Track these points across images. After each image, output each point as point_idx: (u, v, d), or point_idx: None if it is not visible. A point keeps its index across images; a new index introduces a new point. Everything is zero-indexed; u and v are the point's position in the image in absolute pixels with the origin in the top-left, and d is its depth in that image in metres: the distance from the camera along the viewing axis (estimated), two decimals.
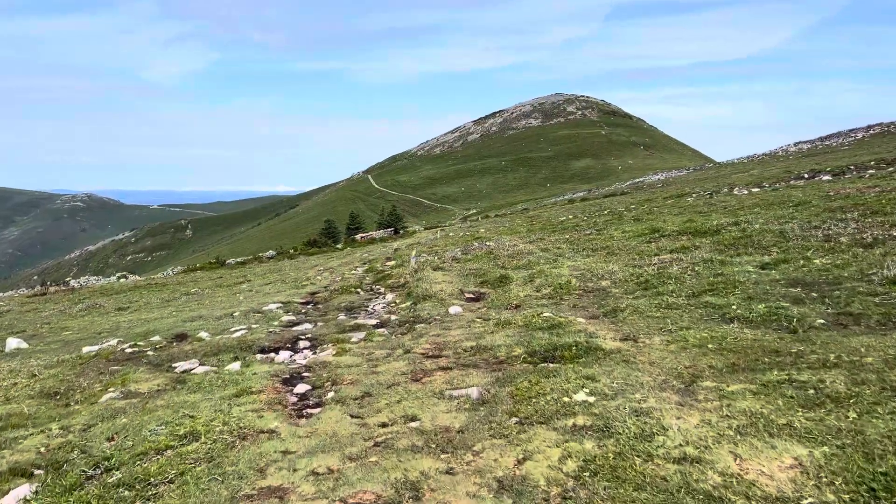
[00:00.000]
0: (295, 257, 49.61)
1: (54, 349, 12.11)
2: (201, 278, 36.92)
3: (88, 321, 18.35)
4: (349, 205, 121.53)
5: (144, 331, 12.60)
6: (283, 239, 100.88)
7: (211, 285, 29.26)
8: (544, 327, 7.71)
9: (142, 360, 9.25)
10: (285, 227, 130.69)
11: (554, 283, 10.87)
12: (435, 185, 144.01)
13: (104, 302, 26.01)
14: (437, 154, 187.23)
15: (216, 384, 6.80)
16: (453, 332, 8.31)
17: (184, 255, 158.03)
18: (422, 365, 6.64)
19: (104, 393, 7.37)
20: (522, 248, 19.60)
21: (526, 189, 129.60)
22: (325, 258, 40.60)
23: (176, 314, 16.30)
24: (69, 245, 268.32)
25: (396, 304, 12.95)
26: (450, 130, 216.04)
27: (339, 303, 14.34)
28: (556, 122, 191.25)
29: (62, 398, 7.41)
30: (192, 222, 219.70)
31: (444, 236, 41.33)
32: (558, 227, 28.73)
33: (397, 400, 5.49)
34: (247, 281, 28.94)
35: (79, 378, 8.27)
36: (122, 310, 22.05)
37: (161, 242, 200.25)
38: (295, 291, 18.14)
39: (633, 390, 4.93)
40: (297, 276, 25.97)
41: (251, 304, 15.74)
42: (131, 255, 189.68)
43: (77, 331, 15.68)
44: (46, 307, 27.88)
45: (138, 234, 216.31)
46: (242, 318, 13.28)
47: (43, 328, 17.60)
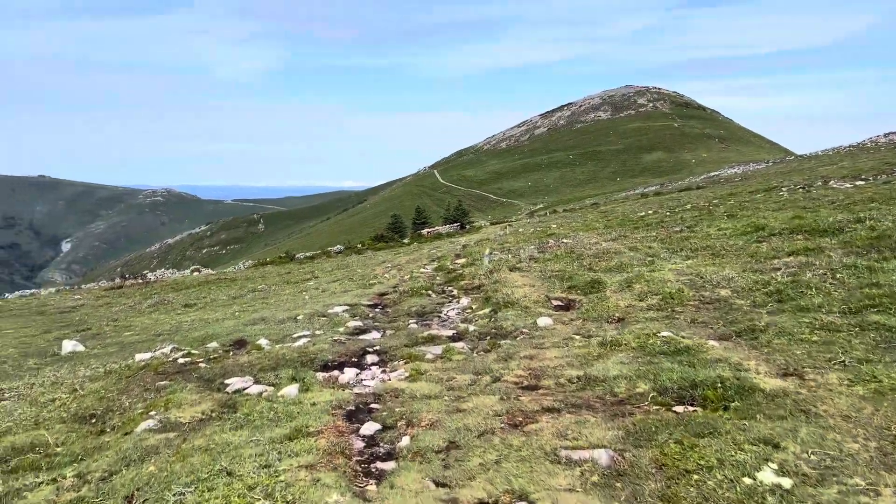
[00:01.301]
0: (362, 252, 49.07)
1: (109, 353, 11.36)
2: (269, 273, 36.64)
3: (153, 320, 17.82)
4: (415, 200, 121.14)
5: (203, 335, 11.71)
6: (350, 233, 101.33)
7: (278, 281, 28.71)
8: (667, 352, 6.21)
9: (192, 373, 8.23)
10: (353, 222, 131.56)
11: (661, 291, 9.29)
12: (501, 180, 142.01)
13: (173, 298, 25.78)
14: (504, 148, 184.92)
15: (267, 417, 5.61)
16: (549, 354, 6.89)
17: (256, 248, 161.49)
18: (518, 402, 5.26)
19: (143, 418, 6.32)
20: (606, 246, 17.93)
21: (594, 183, 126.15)
22: (392, 254, 39.73)
23: (239, 315, 15.48)
24: (150, 238, 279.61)
25: (473, 310, 11.61)
26: (516, 124, 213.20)
27: (409, 307, 13.11)
28: (626, 114, 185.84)
29: (97, 423, 6.41)
30: (264, 217, 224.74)
31: (514, 232, 39.79)
32: (639, 223, 26.79)
33: (494, 459, 4.14)
34: (314, 277, 28.24)
35: (121, 396, 7.29)
36: (188, 307, 21.58)
37: (235, 236, 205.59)
38: (362, 291, 17.07)
39: (844, 468, 3.44)
40: (364, 273, 25.02)
41: (316, 305, 14.73)
42: (207, 249, 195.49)
43: (139, 330, 15.05)
44: (119, 302, 27.94)
45: (213, 228, 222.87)
46: (306, 322, 12.24)
47: (108, 326, 17.14)
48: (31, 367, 10.52)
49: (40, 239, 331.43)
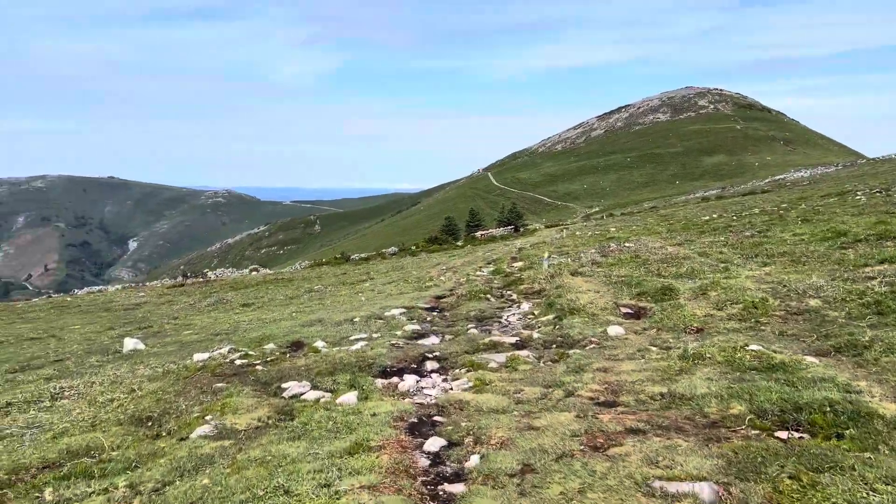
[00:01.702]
0: (417, 254, 48.98)
1: (169, 352, 11.34)
2: (326, 274, 36.84)
3: (212, 319, 17.94)
4: (469, 202, 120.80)
5: (260, 336, 11.58)
6: (404, 235, 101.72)
7: (334, 282, 28.76)
8: (759, 368, 5.64)
9: (249, 376, 8.03)
10: (407, 224, 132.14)
11: (741, 300, 8.64)
12: (556, 183, 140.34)
13: (231, 297, 26.08)
14: (559, 151, 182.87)
15: (326, 427, 5.30)
16: (625, 367, 6.39)
17: (312, 249, 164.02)
18: (597, 420, 4.80)
19: (199, 423, 6.10)
20: (673, 251, 17.16)
21: (652, 186, 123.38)
22: (446, 256, 39.46)
23: (296, 315, 15.38)
24: (211, 237, 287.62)
25: (535, 316, 11.14)
26: (572, 126, 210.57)
27: (467, 311, 12.72)
28: (685, 116, 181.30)
29: (153, 426, 6.23)
30: (321, 218, 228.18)
31: (571, 235, 38.97)
32: (704, 227, 25.77)
33: (577, 488, 3.70)
34: (369, 279, 28.17)
35: (178, 398, 7.12)
36: (246, 306, 21.73)
37: (292, 237, 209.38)
38: (418, 294, 16.77)
39: None
40: (419, 275, 24.77)
41: (373, 307, 14.50)
42: (265, 249, 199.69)
43: (198, 329, 15.10)
44: (180, 300, 28.46)
45: (271, 229, 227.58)
46: (363, 324, 11.99)
47: (168, 325, 17.33)
48: (92, 365, 10.56)
49: (109, 238, 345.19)
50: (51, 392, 7.80)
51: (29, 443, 5.88)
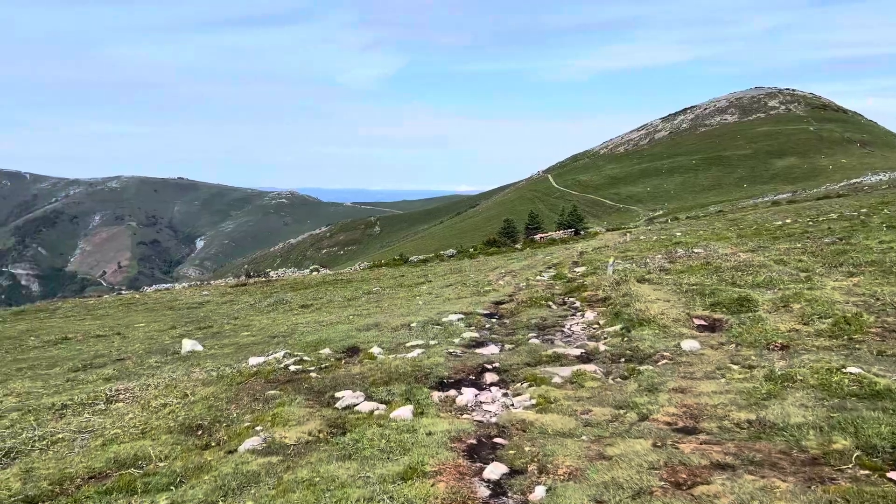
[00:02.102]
0: (475, 257, 48.58)
1: (226, 354, 11.28)
2: (384, 275, 36.85)
3: (270, 320, 17.98)
4: (528, 204, 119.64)
5: (316, 340, 11.41)
6: (463, 237, 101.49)
7: (392, 284, 28.65)
8: (861, 395, 5.01)
9: (303, 383, 7.80)
10: (465, 226, 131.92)
11: (830, 314, 7.91)
12: (618, 185, 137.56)
13: (291, 297, 26.26)
14: (621, 153, 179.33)
15: (378, 446, 4.96)
16: (704, 387, 5.83)
17: (372, 250, 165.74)
18: (678, 451, 4.29)
19: (248, 434, 5.87)
20: (746, 258, 16.24)
21: (719, 189, 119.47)
22: (505, 259, 38.92)
23: (353, 319, 15.21)
24: (274, 238, 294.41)
25: (600, 326, 10.58)
26: (635, 128, 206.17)
27: (528, 318, 12.25)
28: (755, 117, 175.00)
29: (203, 435, 6.03)
30: (381, 219, 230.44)
31: (635, 239, 37.87)
32: (777, 232, 24.50)
33: None
34: (427, 282, 27.94)
35: (229, 405, 6.93)
36: (305, 307, 21.78)
37: (352, 238, 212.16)
38: (477, 299, 16.37)
39: None
40: (478, 279, 24.37)
41: (430, 312, 14.18)
42: (326, 249, 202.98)
43: (256, 331, 15.11)
44: (241, 299, 28.88)
45: (332, 230, 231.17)
46: (420, 330, 11.67)
47: (228, 325, 17.44)
48: (151, 366, 10.58)
49: (178, 236, 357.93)
50: (106, 394, 7.74)
51: (79, 449, 5.76)
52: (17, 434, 6.38)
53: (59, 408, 7.37)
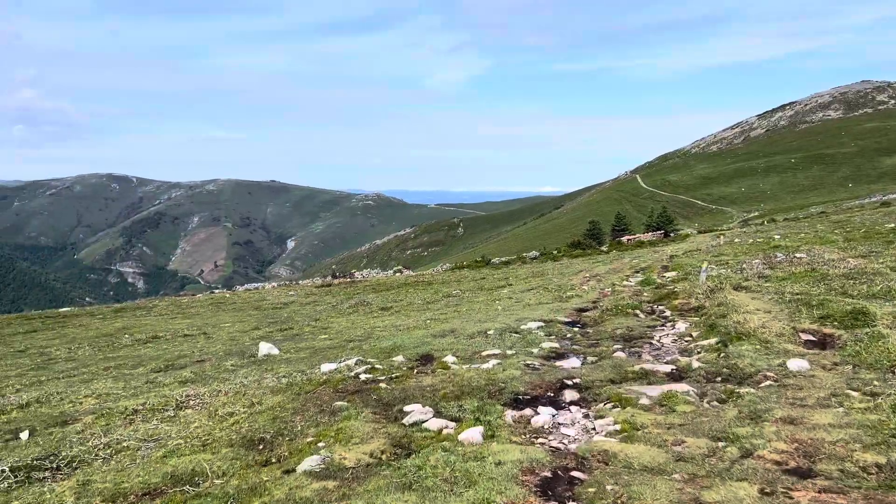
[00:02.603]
0: (558, 259, 47.54)
1: (300, 358, 11.16)
2: (465, 278, 36.52)
3: (349, 323, 17.92)
4: (615, 205, 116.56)
5: (390, 346, 11.11)
6: (546, 239, 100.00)
7: (472, 287, 28.25)
8: None
9: (372, 394, 7.46)
10: (549, 228, 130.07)
11: None
12: (710, 185, 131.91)
13: (372, 299, 26.31)
14: (714, 152, 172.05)
15: (442, 475, 4.51)
16: (819, 417, 5.05)
17: (455, 251, 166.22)
18: (792, 501, 3.60)
19: (309, 451, 5.57)
20: (857, 264, 14.81)
21: (820, 189, 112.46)
22: (589, 262, 37.78)
23: (429, 324, 14.87)
24: (361, 239, 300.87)
25: (693, 338, 9.74)
26: (729, 126, 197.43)
27: (613, 328, 11.50)
28: (861, 113, 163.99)
29: (264, 450, 5.77)
30: (464, 221, 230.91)
31: (730, 242, 35.90)
32: (891, 236, 22.46)
33: None
34: (508, 285, 27.37)
35: (295, 416, 6.68)
36: (384, 310, 21.70)
37: (436, 239, 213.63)
38: (558, 305, 15.69)
39: None
40: (560, 283, 23.59)
41: (509, 318, 13.65)
42: (410, 250, 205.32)
43: (334, 334, 15.03)
44: (324, 300, 29.25)
45: (417, 231, 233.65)
46: (497, 338, 11.17)
47: (308, 327, 17.52)
48: (227, 369, 10.57)
49: (270, 237, 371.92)
50: (177, 400, 7.67)
51: (139, 460, 5.61)
52: (85, 440, 6.34)
53: (131, 412, 7.34)
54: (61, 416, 7.67)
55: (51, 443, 6.40)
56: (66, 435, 6.67)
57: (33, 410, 8.26)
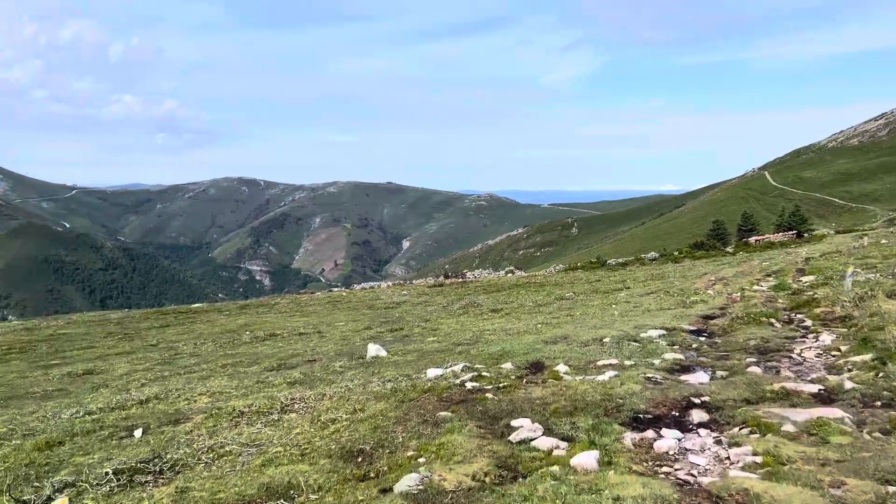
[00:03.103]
0: (679, 261, 45.22)
1: (408, 361, 10.94)
2: (579, 280, 35.43)
3: (459, 325, 17.63)
4: (741, 204, 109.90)
5: (499, 351, 10.66)
6: (666, 240, 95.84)
7: (587, 290, 27.24)
8: None
9: (477, 405, 7.04)
10: (669, 228, 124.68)
11: None
12: (850, 182, 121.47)
13: (482, 300, 25.97)
14: (854, 145, 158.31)
15: None
16: None
17: (569, 252, 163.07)
18: None
19: (408, 467, 5.22)
20: None
21: None
22: (714, 264, 35.55)
23: (541, 328, 14.29)
24: (473, 239, 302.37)
25: (842, 353, 8.59)
26: (872, 118, 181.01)
27: (744, 338, 10.44)
28: None
29: (362, 463, 5.50)
30: (578, 221, 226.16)
31: (875, 244, 32.64)
32: None
33: None
34: (625, 288, 26.15)
35: (396, 427, 6.37)
36: (494, 312, 21.27)
37: (549, 239, 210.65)
38: (682, 311, 14.61)
39: None
40: (683, 286, 22.19)
41: (626, 325, 12.81)
42: (523, 250, 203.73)
43: (442, 336, 14.77)
44: (435, 301, 29.25)
45: (529, 231, 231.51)
46: (614, 347, 10.44)
47: (417, 328, 17.40)
48: (335, 371, 10.53)
49: (386, 237, 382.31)
50: (282, 403, 7.60)
51: (239, 467, 5.49)
52: (192, 442, 6.34)
53: (238, 414, 7.33)
54: (175, 415, 7.80)
55: (160, 443, 6.45)
56: (176, 435, 6.71)
57: (151, 407, 8.49)
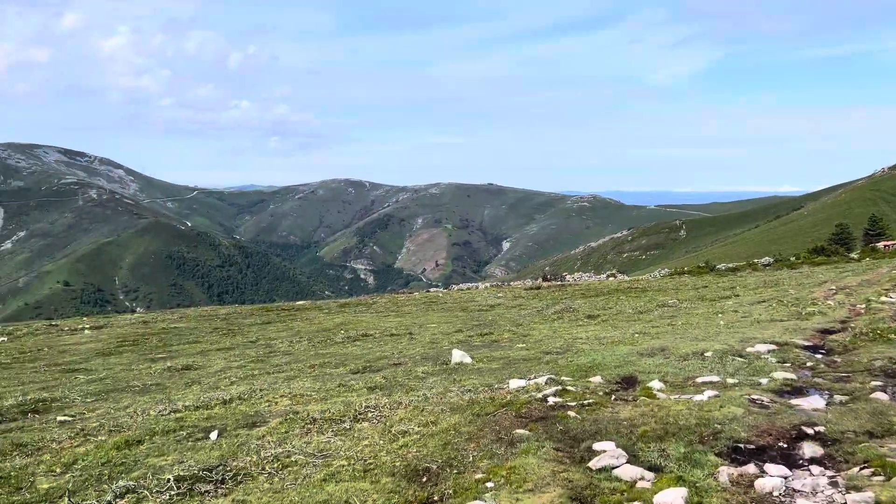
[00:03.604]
0: (796, 267, 42.18)
1: (491, 370, 10.54)
2: (684, 285, 33.67)
3: (551, 331, 17.03)
4: (868, 206, 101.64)
5: (589, 363, 10.07)
6: (781, 244, 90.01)
7: (692, 297, 25.77)
8: None
9: (557, 424, 6.55)
10: (785, 231, 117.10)
11: None
12: None
13: (579, 305, 25.11)
14: None
15: None
16: None
17: (676, 255, 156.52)
18: None
19: (473, 492, 4.88)
20: None
21: None
22: (836, 272, 32.83)
23: (637, 338, 13.48)
24: (575, 241, 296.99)
25: None
26: None
27: (869, 358, 9.30)
28: None
29: (426, 485, 5.17)
30: (686, 223, 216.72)
31: None
32: None
33: None
34: (734, 296, 24.52)
35: (468, 444, 6.00)
36: (590, 318, 20.45)
37: (655, 242, 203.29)
38: (795, 324, 13.34)
39: None
40: (798, 295, 20.49)
41: (732, 337, 11.81)
42: (627, 253, 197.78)
43: (532, 343, 14.25)
44: (530, 304, 28.63)
45: (634, 234, 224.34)
46: (716, 362, 9.60)
47: (507, 333, 16.93)
48: (417, 377, 10.28)
49: (486, 238, 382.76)
50: (356, 410, 7.41)
51: (301, 480, 5.30)
52: (261, 448, 6.24)
53: (311, 421, 7.20)
54: (253, 417, 7.79)
55: (231, 448, 6.39)
56: (248, 440, 6.65)
57: (233, 408, 8.54)
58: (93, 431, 7.49)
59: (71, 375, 13.98)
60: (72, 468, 6.10)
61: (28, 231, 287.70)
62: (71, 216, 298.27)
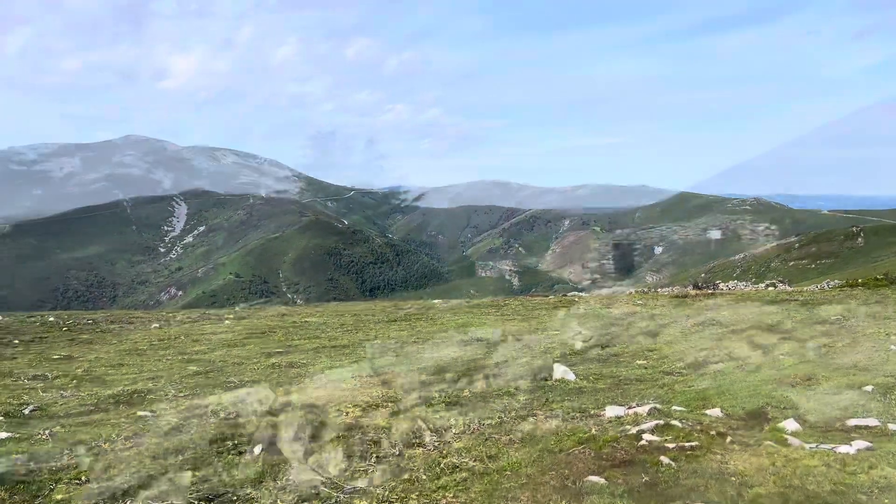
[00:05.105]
0: None
1: (596, 390, 9.25)
2: (853, 298, 29.41)
3: (683, 346, 15.12)
4: None
5: (713, 389, 8.50)
6: None
7: (861, 313, 22.24)
8: None
9: (642, 474, 5.24)
10: None
11: None
12: None
13: (724, 318, 22.56)
14: None
15: None
16: None
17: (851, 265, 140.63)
18: None
19: None
20: None
21: None
22: None
23: (783, 360, 11.46)
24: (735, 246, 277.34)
25: None
26: None
27: None
28: None
29: None
30: (865, 230, 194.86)
31: None
32: None
33: None
34: None
35: (520, 493, 4.91)
36: (734, 333, 18.09)
37: (827, 250, 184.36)
38: None
39: None
40: None
41: None
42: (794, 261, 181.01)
43: (655, 360, 12.61)
44: (671, 313, 26.25)
45: (802, 240, 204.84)
46: (878, 398, 7.73)
47: (632, 346, 15.25)
48: (507, 392, 9.20)
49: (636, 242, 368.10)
50: (414, 432, 6.49)
51: None
52: (287, 473, 5.49)
53: (372, 442, 6.38)
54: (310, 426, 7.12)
55: (268, 466, 5.72)
56: (282, 463, 5.94)
57: (297, 414, 7.94)
58: (153, 432, 7.19)
59: (184, 366, 14.31)
60: (100, 479, 5.70)
61: (207, 226, 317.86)
62: (243, 213, 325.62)
